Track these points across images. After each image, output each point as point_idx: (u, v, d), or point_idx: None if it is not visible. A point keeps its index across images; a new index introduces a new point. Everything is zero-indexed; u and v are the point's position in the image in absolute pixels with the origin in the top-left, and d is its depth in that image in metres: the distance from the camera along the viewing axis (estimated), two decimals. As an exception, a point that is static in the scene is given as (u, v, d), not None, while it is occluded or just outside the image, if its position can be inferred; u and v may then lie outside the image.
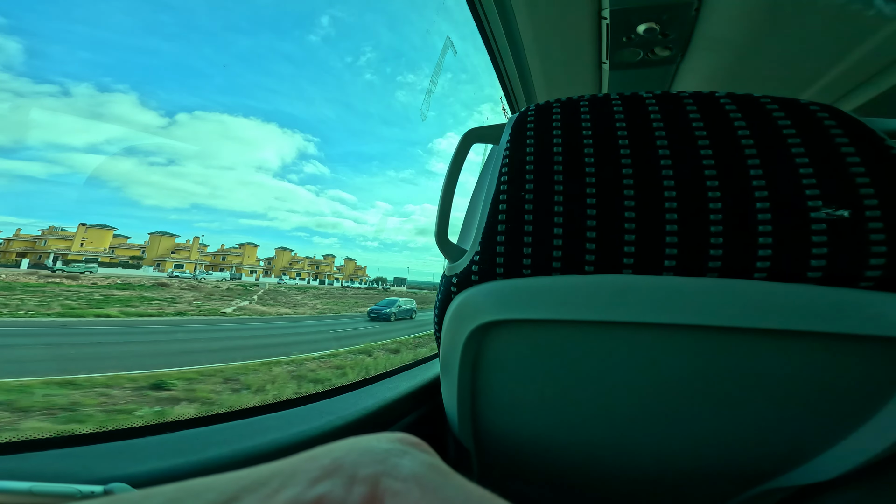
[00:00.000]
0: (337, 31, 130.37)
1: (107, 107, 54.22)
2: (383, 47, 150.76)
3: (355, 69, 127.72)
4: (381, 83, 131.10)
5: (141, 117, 56.67)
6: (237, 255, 27.35)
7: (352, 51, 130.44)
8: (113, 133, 50.76)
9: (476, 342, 0.43)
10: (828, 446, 0.42)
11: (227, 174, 56.01)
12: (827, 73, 0.86)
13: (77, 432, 0.43)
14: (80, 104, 49.35)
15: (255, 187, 54.09)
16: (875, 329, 0.34)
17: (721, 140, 0.38)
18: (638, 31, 0.83)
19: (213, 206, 53.43)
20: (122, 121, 54.02)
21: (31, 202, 47.53)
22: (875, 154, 0.35)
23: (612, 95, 0.44)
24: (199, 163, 52.76)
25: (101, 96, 53.62)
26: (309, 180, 79.16)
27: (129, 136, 49.04)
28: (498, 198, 0.41)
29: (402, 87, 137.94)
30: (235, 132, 72.39)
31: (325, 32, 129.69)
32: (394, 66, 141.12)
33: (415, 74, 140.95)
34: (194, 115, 64.19)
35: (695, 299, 0.36)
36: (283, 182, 64.01)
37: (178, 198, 54.45)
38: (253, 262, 27.89)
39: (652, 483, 0.53)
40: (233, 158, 61.21)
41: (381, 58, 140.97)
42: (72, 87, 49.03)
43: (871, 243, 0.33)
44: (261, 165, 66.92)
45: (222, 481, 0.12)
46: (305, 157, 77.32)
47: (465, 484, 0.13)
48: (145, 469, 0.39)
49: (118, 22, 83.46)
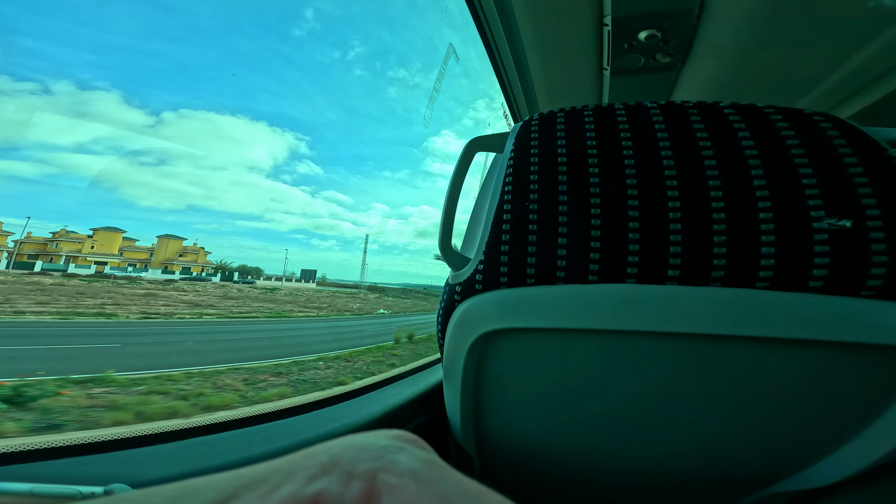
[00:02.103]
0: (325, 25, 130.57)
1: (90, 105, 53.86)
2: (380, 43, 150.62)
3: (344, 64, 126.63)
4: (371, 78, 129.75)
5: (126, 116, 56.32)
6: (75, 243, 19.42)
7: (340, 45, 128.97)
8: (100, 132, 50.53)
9: (479, 350, 0.43)
10: (829, 451, 0.42)
11: (220, 174, 55.85)
12: (826, 80, 0.86)
13: (90, 440, 0.44)
14: (62, 102, 49.01)
15: (249, 188, 53.88)
16: (876, 337, 0.34)
17: (724, 150, 0.38)
18: (639, 38, 0.84)
19: (210, 207, 53.29)
20: (107, 119, 53.70)
21: (31, 204, 47.75)
22: (877, 164, 0.36)
23: (616, 105, 0.44)
24: (190, 163, 52.62)
25: (82, 94, 53.16)
26: (303, 181, 78.94)
27: (118, 136, 48.87)
28: (502, 207, 0.41)
29: (394, 83, 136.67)
30: (224, 131, 72.09)
31: (310, 26, 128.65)
32: (383, 61, 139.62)
33: (406, 69, 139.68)
34: (180, 114, 63.76)
35: (698, 308, 0.36)
36: (277, 183, 63.84)
37: (174, 199, 54.28)
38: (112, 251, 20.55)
39: (655, 489, 0.53)
40: (224, 158, 60.93)
41: (370, 52, 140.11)
42: (52, 85, 48.64)
43: (873, 253, 0.34)
44: (253, 165, 66.61)
45: (222, 480, 0.13)
46: (298, 157, 77.12)
47: (461, 479, 0.14)
48: (153, 476, 0.40)
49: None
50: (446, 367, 0.47)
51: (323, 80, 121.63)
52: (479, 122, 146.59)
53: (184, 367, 4.91)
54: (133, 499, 0.12)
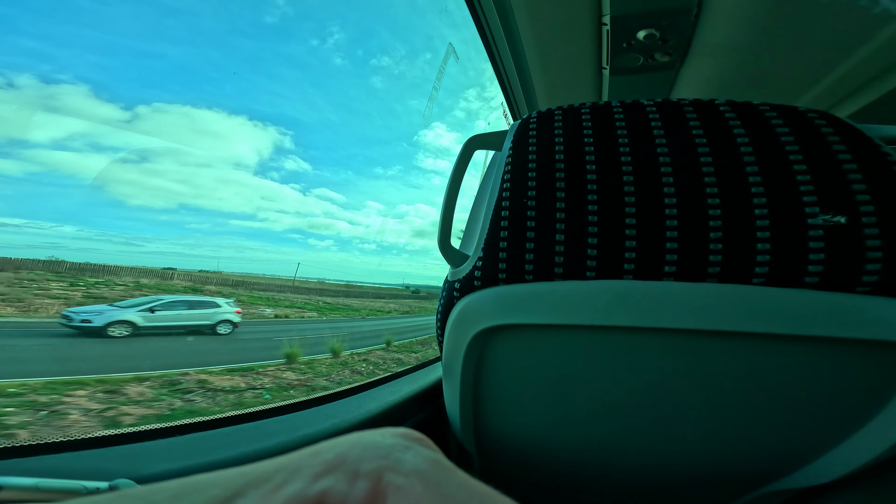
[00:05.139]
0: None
1: (58, 99, 52.38)
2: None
3: (322, 53, 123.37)
4: (353, 67, 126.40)
5: (99, 111, 54.84)
6: None
7: (318, 32, 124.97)
8: (76, 128, 49.42)
9: (479, 346, 0.43)
10: (827, 449, 0.43)
11: (206, 171, 54.98)
12: (824, 79, 0.87)
13: (88, 436, 0.44)
14: (28, 96, 47.64)
15: (238, 185, 53.10)
16: (872, 333, 0.34)
17: (720, 147, 0.39)
18: (638, 37, 0.84)
19: (202, 206, 52.56)
20: (81, 114, 52.36)
21: (33, 205, 47.28)
22: (871, 160, 0.36)
23: (613, 103, 0.44)
24: (174, 159, 51.72)
25: (47, 88, 51.64)
26: (291, 178, 77.79)
27: (95, 131, 47.87)
28: (500, 204, 0.42)
29: (377, 72, 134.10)
30: (203, 125, 70.36)
31: (281, 12, 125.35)
32: (366, 49, 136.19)
33: (390, 57, 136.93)
34: (154, 108, 62.03)
35: (694, 304, 0.36)
36: (266, 180, 62.97)
37: (164, 198, 53.47)
38: None
39: (653, 486, 0.54)
40: (208, 154, 59.71)
41: (359, 47, 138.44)
42: (15, 78, 47.32)
43: (868, 249, 0.34)
44: (238, 162, 65.36)
45: (227, 476, 0.12)
46: (283, 152, 75.92)
47: (467, 479, 0.13)
48: (154, 470, 0.40)
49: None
50: (445, 363, 0.47)
51: (305, 72, 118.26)
52: (471, 114, 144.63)
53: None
54: (138, 494, 0.12)
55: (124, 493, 0.12)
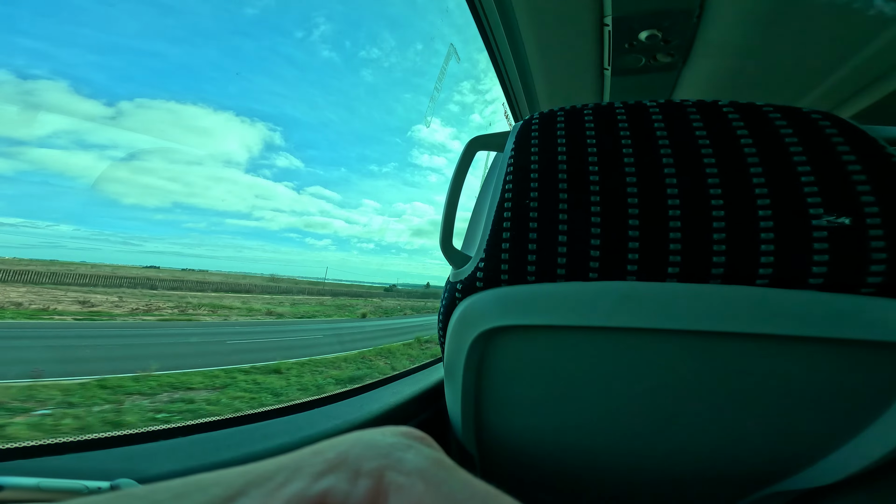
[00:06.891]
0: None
1: (37, 95, 51.51)
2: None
3: (309, 45, 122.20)
4: (342, 60, 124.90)
5: (81, 107, 54.13)
6: None
7: (303, 24, 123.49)
8: (60, 125, 48.90)
9: (480, 347, 0.43)
10: (831, 450, 0.42)
11: (196, 169, 54.56)
12: (827, 79, 0.87)
13: (90, 437, 0.44)
14: (7, 92, 46.85)
15: (230, 183, 52.69)
16: (877, 334, 0.34)
17: (724, 148, 0.39)
18: (640, 38, 0.84)
19: (196, 205, 52.19)
20: (64, 111, 51.64)
21: (33, 205, 46.90)
22: (875, 162, 0.36)
23: (615, 104, 0.44)
24: (162, 157, 51.14)
25: (24, 83, 50.69)
26: (284, 176, 77.32)
27: (79, 128, 47.38)
28: (503, 205, 0.41)
29: (366, 65, 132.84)
30: (189, 121, 69.72)
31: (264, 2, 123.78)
32: (354, 41, 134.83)
33: (379, 48, 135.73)
34: (137, 103, 61.09)
35: (698, 305, 0.36)
36: (258, 178, 62.38)
37: (157, 196, 53.05)
38: None
39: (656, 487, 0.53)
40: (197, 152, 59.01)
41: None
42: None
43: (872, 250, 0.34)
44: (229, 159, 64.76)
45: (228, 476, 0.12)
46: (273, 149, 75.20)
47: (469, 479, 0.13)
48: (156, 471, 0.40)
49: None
50: (447, 364, 0.47)
51: (293, 67, 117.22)
52: (466, 108, 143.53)
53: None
54: (139, 494, 0.12)
55: (126, 493, 0.12)
